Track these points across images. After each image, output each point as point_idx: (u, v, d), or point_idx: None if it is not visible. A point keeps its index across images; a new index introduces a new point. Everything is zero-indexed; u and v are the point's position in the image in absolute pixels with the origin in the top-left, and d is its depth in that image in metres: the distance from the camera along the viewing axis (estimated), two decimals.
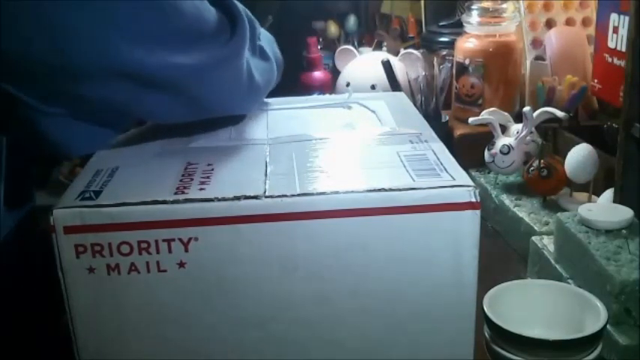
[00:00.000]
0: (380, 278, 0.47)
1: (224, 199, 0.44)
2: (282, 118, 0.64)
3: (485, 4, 1.08)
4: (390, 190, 0.45)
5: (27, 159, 0.61)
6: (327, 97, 0.73)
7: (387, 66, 1.15)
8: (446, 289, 0.47)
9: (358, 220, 0.45)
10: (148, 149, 0.55)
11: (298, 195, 0.45)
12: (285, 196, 0.45)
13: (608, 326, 0.58)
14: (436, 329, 0.48)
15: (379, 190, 0.45)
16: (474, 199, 0.45)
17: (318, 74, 1.36)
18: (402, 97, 0.73)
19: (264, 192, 0.45)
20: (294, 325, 0.47)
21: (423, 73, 1.10)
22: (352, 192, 0.45)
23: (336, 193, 0.45)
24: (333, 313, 0.47)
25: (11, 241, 0.58)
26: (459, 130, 1.04)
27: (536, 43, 1.11)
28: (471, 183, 0.46)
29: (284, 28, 1.46)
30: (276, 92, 0.69)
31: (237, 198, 0.44)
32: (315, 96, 0.73)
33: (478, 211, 0.46)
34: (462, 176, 0.47)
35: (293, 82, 1.37)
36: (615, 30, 0.86)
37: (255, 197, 0.44)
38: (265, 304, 0.46)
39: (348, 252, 0.46)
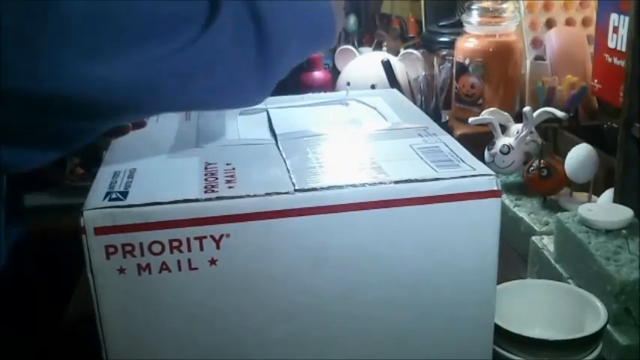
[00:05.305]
0: (405, 269, 0.47)
1: (255, 196, 0.45)
2: (284, 116, 0.63)
3: (485, 4, 1.08)
4: (416, 180, 0.46)
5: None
6: (324, 95, 0.73)
7: (387, 66, 1.15)
8: (468, 275, 0.48)
9: (386, 211, 0.46)
10: (158, 151, 0.55)
11: (328, 188, 0.45)
12: (315, 189, 0.45)
13: (608, 326, 0.58)
14: (458, 316, 0.49)
15: (405, 181, 0.46)
16: (495, 187, 0.46)
17: (318, 74, 1.36)
18: (395, 93, 0.73)
19: (294, 187, 0.45)
20: (321, 318, 0.48)
21: (423, 73, 1.10)
22: (380, 184, 0.46)
23: (364, 185, 0.46)
24: (358, 305, 0.48)
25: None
26: (459, 130, 1.04)
27: (536, 43, 1.11)
28: (491, 172, 0.47)
29: None
30: (275, 92, 0.69)
31: (269, 194, 0.45)
32: (311, 94, 0.72)
33: (499, 199, 0.47)
34: (480, 166, 0.49)
35: (293, 82, 1.37)
36: (615, 30, 0.86)
37: (287, 192, 0.45)
38: (294, 298, 0.47)
39: (376, 243, 0.46)
